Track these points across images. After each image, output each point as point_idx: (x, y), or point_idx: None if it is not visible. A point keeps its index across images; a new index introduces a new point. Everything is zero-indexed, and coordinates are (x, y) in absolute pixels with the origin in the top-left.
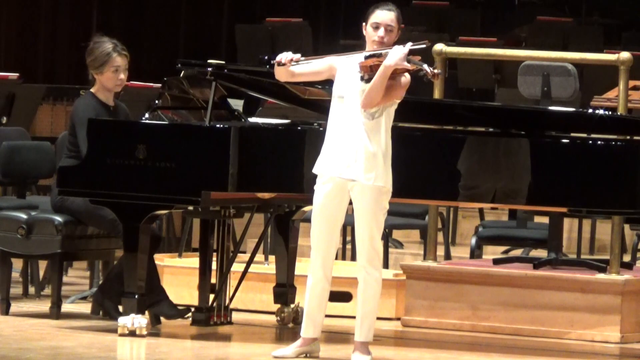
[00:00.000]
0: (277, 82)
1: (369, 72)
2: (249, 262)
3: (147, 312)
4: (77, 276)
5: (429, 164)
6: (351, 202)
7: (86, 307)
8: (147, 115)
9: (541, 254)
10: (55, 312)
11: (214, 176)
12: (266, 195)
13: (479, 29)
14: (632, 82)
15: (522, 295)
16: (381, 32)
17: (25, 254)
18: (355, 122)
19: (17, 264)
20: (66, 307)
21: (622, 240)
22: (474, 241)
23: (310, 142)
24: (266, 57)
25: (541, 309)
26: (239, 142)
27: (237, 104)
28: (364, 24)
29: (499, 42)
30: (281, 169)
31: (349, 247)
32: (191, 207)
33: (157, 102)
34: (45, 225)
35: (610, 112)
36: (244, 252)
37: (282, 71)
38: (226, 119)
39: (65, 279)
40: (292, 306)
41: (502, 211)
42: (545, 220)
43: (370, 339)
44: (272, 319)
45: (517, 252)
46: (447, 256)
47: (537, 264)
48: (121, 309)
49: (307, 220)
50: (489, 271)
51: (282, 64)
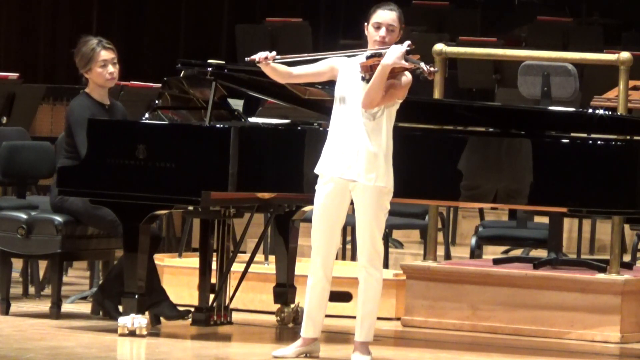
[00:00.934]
0: (277, 82)
1: (369, 72)
2: (249, 262)
3: (147, 312)
4: (77, 276)
5: (429, 164)
6: (352, 202)
7: (86, 307)
8: (147, 115)
9: (541, 254)
10: (55, 312)
11: (214, 176)
12: (266, 195)
13: (479, 29)
14: (632, 82)
15: (522, 295)
16: (382, 32)
17: (25, 254)
18: (356, 122)
19: (17, 264)
20: (66, 307)
21: (622, 240)
22: (474, 241)
23: (310, 142)
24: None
25: (541, 309)
26: (239, 142)
27: (237, 104)
28: (366, 23)
29: (499, 42)
30: (281, 169)
31: (349, 247)
32: (191, 207)
33: (157, 102)
34: (45, 225)
35: (610, 112)
36: (244, 252)
37: (268, 70)
38: (226, 119)
39: (65, 279)
40: (292, 306)
41: (502, 211)
42: (545, 220)
43: (370, 339)
44: (272, 319)
45: (517, 252)
46: (447, 256)
47: (537, 264)
48: (121, 309)
49: (307, 220)
50: (489, 271)
51: (258, 62)
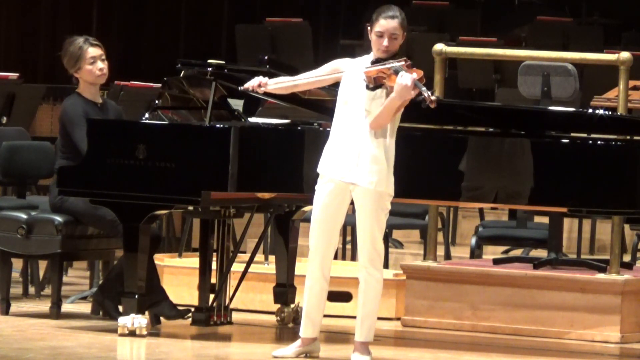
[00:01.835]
0: None
1: (372, 82)
2: (249, 262)
3: (147, 312)
4: (77, 276)
5: (429, 164)
6: (352, 203)
7: (86, 307)
8: (147, 115)
9: (541, 254)
10: (55, 312)
11: (214, 176)
12: (266, 195)
13: (479, 29)
14: (632, 82)
15: (522, 295)
16: (385, 42)
17: (25, 254)
18: (360, 126)
19: (17, 264)
20: (66, 307)
21: (622, 240)
22: (474, 241)
23: (310, 142)
24: (266, 57)
25: (541, 309)
26: (239, 142)
27: (237, 104)
28: (369, 27)
29: (499, 42)
30: (281, 169)
31: (349, 247)
32: (191, 207)
33: (157, 102)
34: (45, 225)
35: (610, 112)
36: (244, 252)
37: (270, 91)
38: (226, 119)
39: (65, 279)
40: (292, 306)
41: (502, 211)
42: (545, 220)
43: (370, 339)
44: (272, 319)
45: (517, 252)
46: (447, 256)
47: (537, 264)
48: (121, 309)
49: (307, 220)
50: (489, 271)
51: (252, 90)
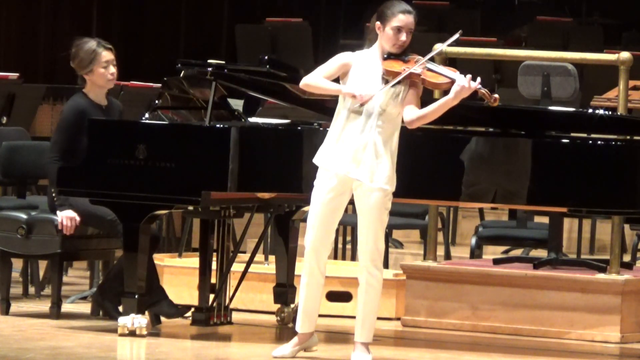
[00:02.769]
0: (277, 82)
1: (392, 76)
2: (249, 262)
3: (147, 312)
4: (77, 276)
5: (430, 164)
6: (351, 202)
7: (86, 307)
8: (147, 115)
9: (541, 254)
10: (55, 312)
11: (214, 176)
12: (266, 195)
13: (479, 29)
14: (632, 82)
15: (522, 295)
16: (404, 36)
17: (25, 254)
18: (371, 124)
19: (17, 264)
20: (66, 307)
21: (622, 240)
22: (474, 241)
23: (310, 142)
24: (266, 57)
25: (541, 309)
26: (238, 142)
27: (237, 104)
28: (379, 22)
29: (499, 42)
30: (281, 169)
31: (349, 247)
32: (191, 207)
33: (157, 102)
34: (45, 225)
35: (610, 112)
36: (244, 252)
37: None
38: (226, 119)
39: (65, 279)
40: (292, 306)
41: (502, 211)
42: (545, 220)
43: (370, 340)
44: (272, 319)
45: (517, 252)
46: (447, 256)
47: (537, 264)
48: (121, 309)
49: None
50: (489, 271)
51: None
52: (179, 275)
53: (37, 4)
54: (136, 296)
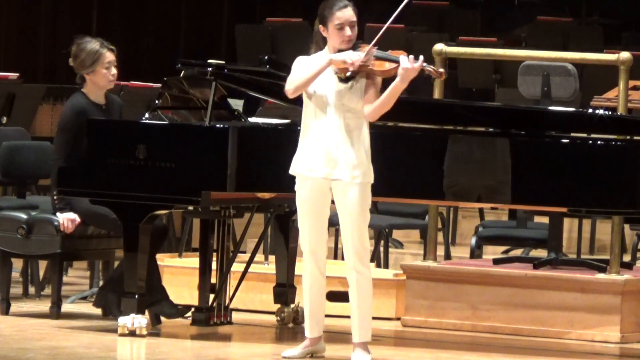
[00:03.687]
0: (277, 82)
1: (344, 72)
2: (249, 262)
3: (146, 312)
4: (77, 276)
5: (430, 163)
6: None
7: (86, 307)
8: (147, 115)
9: (541, 254)
10: (55, 312)
11: (214, 176)
12: (266, 195)
13: (479, 29)
14: (632, 82)
15: (522, 295)
16: (348, 31)
17: (25, 254)
18: (337, 122)
19: (17, 264)
20: (66, 307)
21: (622, 240)
22: (474, 241)
23: None
24: (266, 57)
25: (541, 309)
26: (238, 142)
27: (237, 104)
28: (322, 25)
29: (499, 42)
30: (281, 169)
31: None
32: (191, 207)
33: (157, 102)
34: (45, 225)
35: (610, 112)
36: (244, 252)
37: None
38: (226, 119)
39: (65, 279)
40: (292, 306)
41: (502, 211)
42: (545, 220)
43: (369, 339)
44: (272, 319)
45: (517, 252)
46: (447, 256)
47: (537, 264)
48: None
49: None
50: (489, 271)
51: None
52: (179, 275)
53: (37, 4)
54: (136, 296)
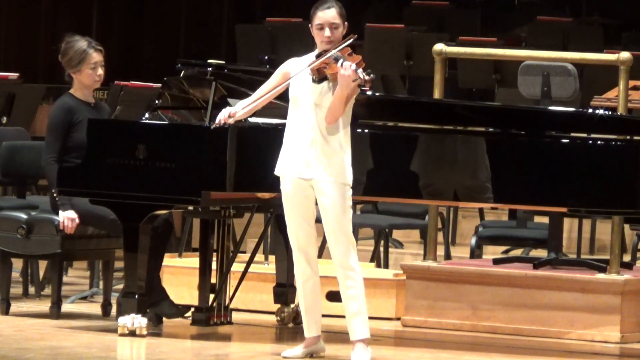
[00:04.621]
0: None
1: (317, 74)
2: (249, 262)
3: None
4: (77, 276)
5: (429, 163)
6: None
7: (86, 307)
8: (147, 115)
9: (541, 254)
10: (55, 312)
11: (214, 176)
12: (266, 195)
13: (479, 29)
14: (632, 82)
15: (522, 295)
16: (327, 32)
17: (25, 254)
18: (311, 122)
19: (17, 264)
20: (66, 307)
21: (622, 240)
22: (474, 241)
23: None
24: (266, 58)
25: (541, 309)
26: (238, 142)
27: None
28: (310, 25)
29: (499, 42)
30: None
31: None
32: (191, 207)
33: (157, 102)
34: (45, 225)
35: (610, 112)
36: (244, 252)
37: (243, 116)
38: None
39: (65, 279)
40: (292, 306)
41: (502, 211)
42: (545, 220)
43: (367, 335)
44: (272, 319)
45: (517, 252)
46: (447, 256)
47: (537, 264)
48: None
49: None
50: (489, 271)
51: (225, 123)
52: (179, 275)
53: (37, 4)
54: (136, 296)
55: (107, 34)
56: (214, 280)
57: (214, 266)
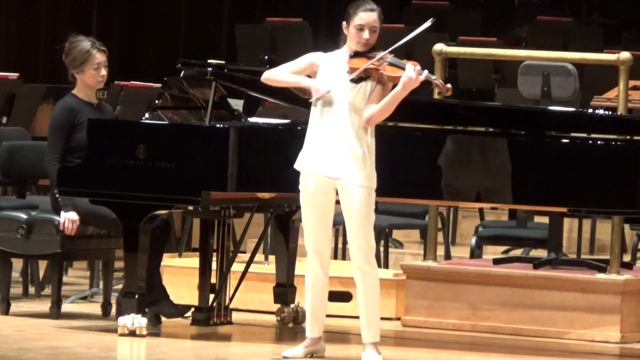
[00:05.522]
0: None
1: (359, 74)
2: (249, 262)
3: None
4: (77, 276)
5: (430, 163)
6: (337, 202)
7: (86, 307)
8: (147, 115)
9: (541, 254)
10: (55, 312)
11: (214, 176)
12: (266, 195)
13: (479, 29)
14: (632, 82)
15: (522, 295)
16: (366, 34)
17: (25, 254)
18: (343, 121)
19: (17, 264)
20: (66, 307)
21: (622, 240)
22: (474, 241)
23: None
24: (266, 58)
25: (541, 309)
26: (238, 142)
27: (237, 104)
28: (344, 23)
29: (499, 42)
30: (281, 169)
31: (348, 247)
32: (191, 207)
33: (157, 102)
34: (45, 225)
35: (610, 112)
36: (244, 252)
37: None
38: (226, 119)
39: (65, 279)
40: (292, 306)
41: (502, 211)
42: (545, 220)
43: (378, 339)
44: (272, 319)
45: (517, 252)
46: (447, 256)
47: (537, 264)
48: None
49: None
50: (489, 271)
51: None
52: (179, 275)
53: (37, 4)
54: (136, 296)
55: (107, 34)
56: (214, 280)
57: (214, 266)
